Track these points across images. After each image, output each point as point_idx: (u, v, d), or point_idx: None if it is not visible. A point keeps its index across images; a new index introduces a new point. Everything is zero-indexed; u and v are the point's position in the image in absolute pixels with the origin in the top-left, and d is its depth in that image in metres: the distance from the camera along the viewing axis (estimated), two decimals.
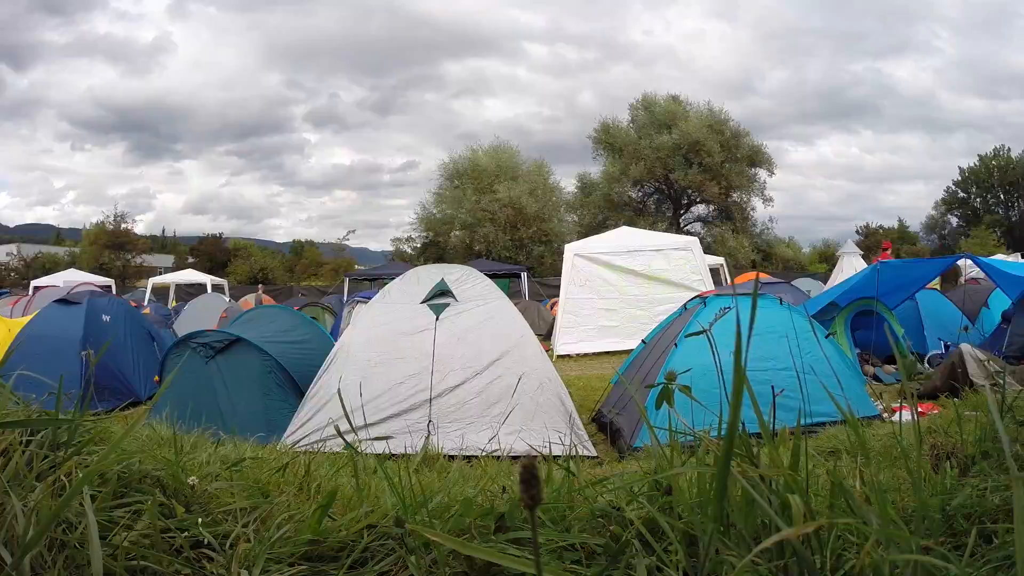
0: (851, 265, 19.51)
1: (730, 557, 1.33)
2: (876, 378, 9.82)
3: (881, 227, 56.54)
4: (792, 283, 18.68)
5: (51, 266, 45.50)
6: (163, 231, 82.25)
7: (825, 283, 20.57)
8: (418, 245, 44.61)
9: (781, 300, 7.28)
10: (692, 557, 1.42)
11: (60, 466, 1.66)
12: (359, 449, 2.20)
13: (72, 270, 34.08)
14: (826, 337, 7.20)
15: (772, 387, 2.35)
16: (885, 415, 6.27)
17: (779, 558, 1.29)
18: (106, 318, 10.45)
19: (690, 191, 42.53)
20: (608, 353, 13.91)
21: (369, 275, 30.12)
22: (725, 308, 6.75)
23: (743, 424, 1.43)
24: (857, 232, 55.75)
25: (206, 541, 1.56)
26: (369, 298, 11.35)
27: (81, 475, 1.56)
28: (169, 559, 1.46)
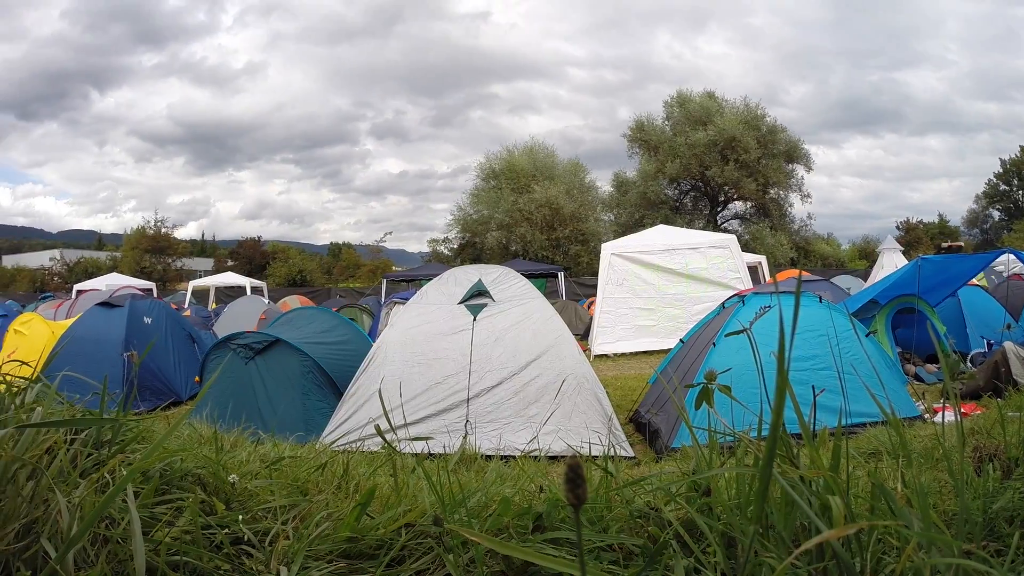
0: (891, 261, 19.20)
1: (769, 559, 1.31)
2: (918, 378, 9.65)
3: (921, 221, 55.45)
4: (831, 280, 18.36)
5: (93, 270, 46.46)
6: (203, 235, 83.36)
7: (865, 280, 20.27)
8: (455, 246, 44.61)
9: (821, 298, 7.18)
10: (730, 559, 1.40)
11: (104, 464, 1.68)
12: (397, 448, 2.21)
13: (114, 274, 34.78)
14: (867, 336, 7.09)
15: (812, 387, 2.32)
16: (927, 416, 6.17)
17: (819, 560, 1.27)
18: (147, 320, 10.61)
19: (727, 188, 41.81)
20: (646, 353, 13.83)
21: (406, 276, 30.24)
22: (765, 307, 6.68)
23: (783, 424, 1.41)
24: (897, 228, 54.73)
25: (246, 538, 1.58)
26: (407, 299, 11.39)
27: (125, 473, 1.58)
28: (209, 555, 1.48)
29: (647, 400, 7.56)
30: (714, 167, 40.04)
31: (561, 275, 27.85)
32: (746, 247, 26.68)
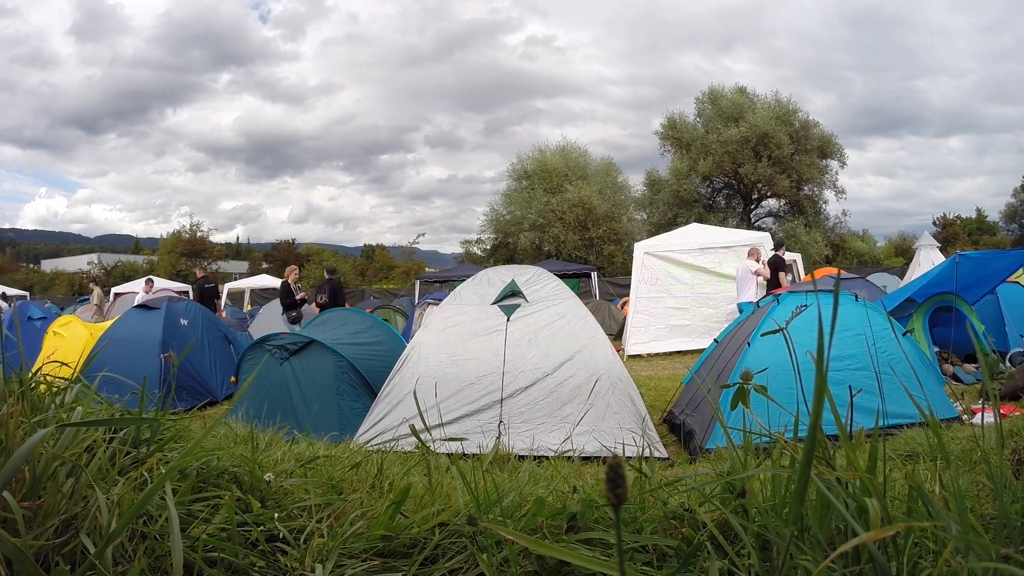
0: (928, 258, 18.84)
1: (804, 562, 1.30)
2: (955, 378, 9.48)
3: (958, 217, 54.43)
4: (867, 278, 18.08)
5: (130, 274, 47.17)
6: (238, 239, 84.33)
7: (902, 278, 19.96)
8: (488, 247, 44.64)
9: (857, 296, 7.09)
10: (765, 561, 1.39)
11: (143, 462, 1.71)
12: (431, 448, 2.21)
13: (151, 277, 35.20)
14: (904, 335, 6.99)
15: (849, 387, 2.29)
16: (965, 417, 6.07)
17: (854, 564, 1.26)
18: (184, 322, 10.75)
19: (760, 185, 41.20)
20: (679, 353, 13.77)
21: (440, 277, 30.30)
22: (802, 306, 6.61)
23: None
24: (933, 223, 53.72)
25: (281, 535, 1.59)
26: (440, 300, 11.42)
27: (163, 471, 1.60)
28: (245, 552, 1.50)
29: (681, 400, 7.52)
30: (747, 164, 39.55)
31: (594, 275, 27.74)
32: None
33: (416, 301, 21.96)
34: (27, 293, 40.98)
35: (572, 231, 39.20)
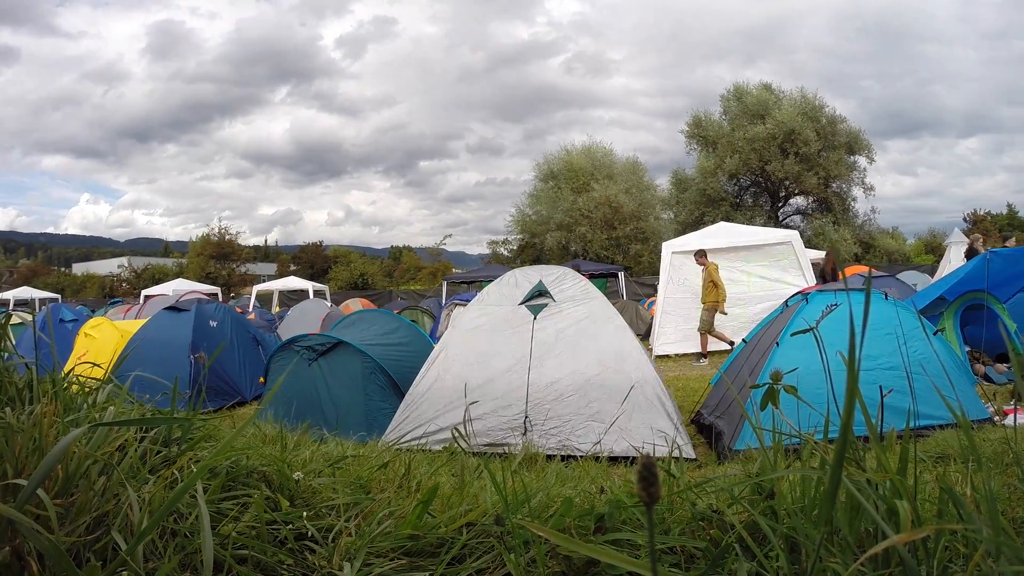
0: (959, 256, 18.54)
1: (833, 564, 1.29)
2: (987, 378, 9.32)
3: (989, 213, 53.48)
4: (897, 276, 17.84)
5: (160, 276, 47.78)
6: (266, 241, 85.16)
7: (932, 276, 19.69)
8: (514, 247, 44.64)
9: (886, 295, 7.00)
10: (794, 564, 1.38)
11: (174, 461, 1.73)
12: (460, 448, 2.22)
13: (180, 280, 35.74)
14: (934, 334, 6.89)
15: (880, 387, 2.26)
16: (996, 418, 5.99)
17: (884, 567, 1.24)
18: (213, 323, 10.85)
19: (787, 183, 40.71)
20: (708, 353, 13.68)
21: (467, 278, 30.39)
22: (832, 305, 6.54)
23: None
24: (964, 219, 52.80)
25: (309, 534, 1.60)
26: (467, 300, 11.44)
27: (194, 470, 1.62)
28: (273, 550, 1.51)
29: (709, 401, 7.47)
30: (774, 161, 39.16)
31: (621, 275, 27.69)
32: (808, 243, 26.12)
33: (443, 302, 22.02)
34: (59, 296, 41.70)
35: (599, 230, 39.09)
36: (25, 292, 37.46)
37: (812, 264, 15.54)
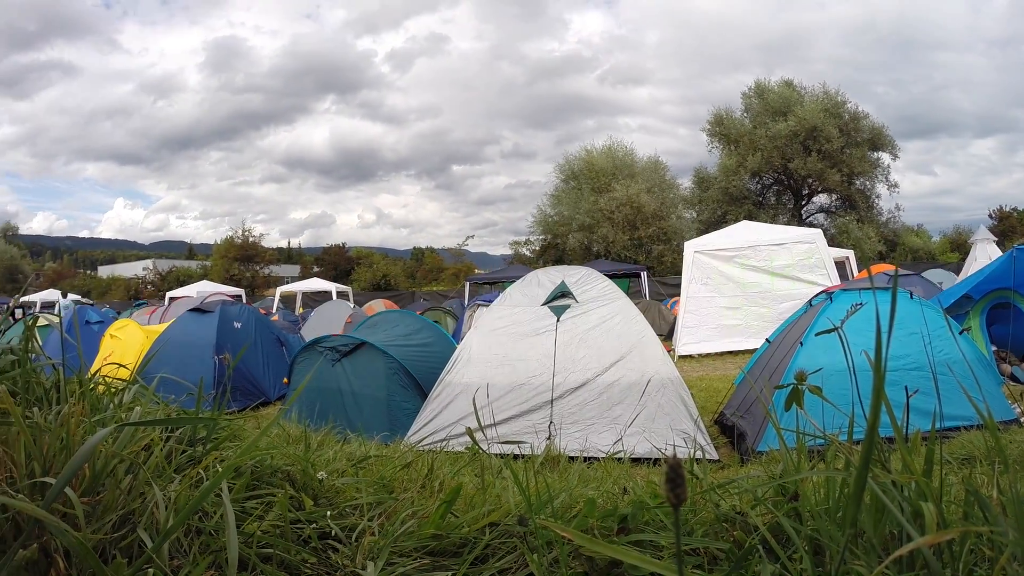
0: (985, 253, 18.32)
1: (858, 567, 1.28)
2: (1014, 378, 9.19)
3: (1015, 209, 52.66)
4: (922, 275, 17.60)
5: (184, 278, 48.20)
6: (288, 243, 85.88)
7: (958, 274, 19.46)
8: (536, 248, 44.58)
9: (912, 294, 6.93)
10: (818, 566, 1.37)
11: (199, 460, 1.74)
12: (483, 449, 2.23)
13: (204, 282, 36.04)
14: (960, 333, 6.81)
15: (905, 388, 2.24)
16: (1023, 419, 5.92)
17: (909, 570, 1.23)
18: (237, 325, 10.95)
19: (810, 180, 40.24)
20: (731, 353, 13.60)
21: (489, 279, 30.40)
22: (857, 304, 6.49)
23: None
24: (989, 216, 52.02)
25: (333, 533, 1.61)
26: (490, 301, 11.45)
27: (220, 469, 1.64)
28: (297, 548, 1.52)
29: (732, 402, 7.43)
30: (796, 159, 38.80)
31: (644, 275, 27.57)
32: (832, 241, 25.93)
33: (466, 303, 22.04)
34: (82, 297, 42.18)
35: (621, 231, 38.92)
36: (52, 295, 37.91)
37: (836, 263, 15.42)
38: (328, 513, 1.68)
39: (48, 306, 31.42)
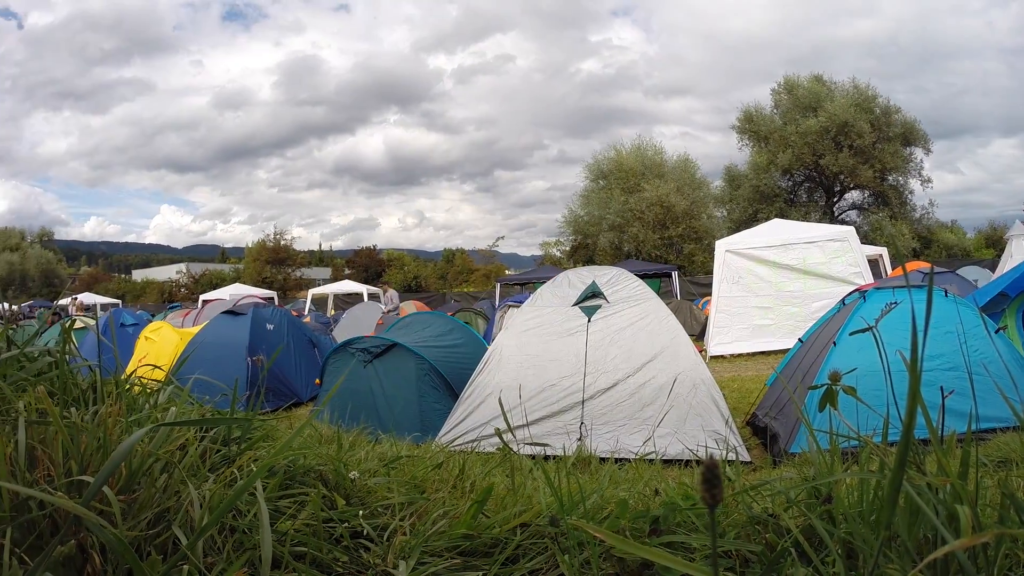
0: (1021, 249, 17.92)
1: (891, 570, 1.26)
2: None
3: None
4: (957, 272, 17.30)
5: (217, 281, 48.77)
6: (320, 246, 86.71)
7: (993, 271, 19.10)
8: (567, 248, 44.47)
9: (947, 292, 6.82)
10: (851, 570, 1.35)
11: (233, 460, 1.76)
12: (514, 450, 2.23)
13: (237, 284, 36.35)
14: (996, 332, 6.69)
15: (941, 388, 2.21)
16: None
17: (943, 573, 1.22)
18: (270, 327, 11.04)
19: (842, 177, 39.49)
20: (763, 353, 13.47)
21: (520, 280, 30.37)
22: (891, 303, 6.40)
23: None
24: None
25: (365, 532, 1.62)
26: (521, 302, 11.45)
27: (253, 468, 1.66)
28: (329, 547, 1.53)
29: (765, 403, 7.36)
30: (827, 155, 38.12)
31: (675, 274, 27.40)
32: (865, 239, 25.53)
33: (497, 304, 22.05)
34: (119, 301, 42.82)
35: (651, 230, 38.68)
36: (87, 298, 38.51)
37: (869, 260, 15.20)
38: (360, 512, 1.69)
39: (83, 309, 31.91)
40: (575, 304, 7.22)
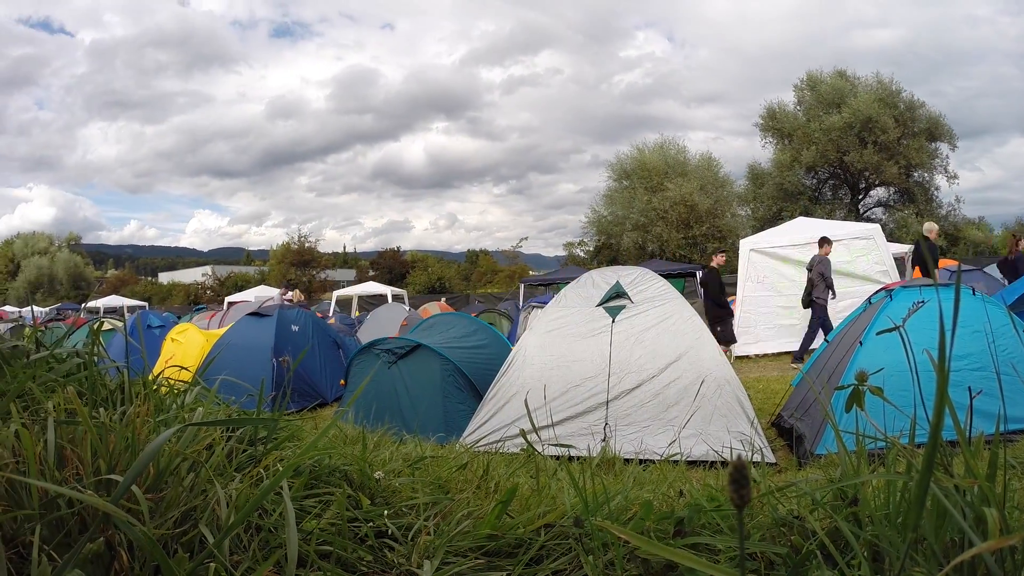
0: None
1: (918, 573, 1.25)
2: None
3: None
4: (984, 270, 17.07)
5: (243, 284, 49.16)
6: (344, 248, 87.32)
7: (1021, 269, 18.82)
8: (591, 248, 44.34)
9: (974, 290, 6.73)
10: (877, 573, 1.34)
11: (259, 460, 1.78)
12: (538, 450, 2.23)
13: (262, 286, 36.63)
14: None
15: (969, 389, 2.18)
16: None
17: None
18: (295, 328, 11.12)
19: (867, 173, 38.84)
20: (788, 353, 13.37)
21: (544, 280, 30.31)
22: (918, 302, 6.33)
23: None
24: None
25: (389, 532, 1.63)
26: (545, 303, 11.45)
27: (280, 468, 1.67)
28: (354, 546, 1.54)
29: (790, 403, 7.31)
30: (852, 152, 37.54)
31: (699, 274, 27.26)
32: (891, 236, 25.24)
33: (521, 304, 22.04)
34: (146, 303, 43.31)
35: (675, 230, 38.49)
36: (115, 300, 38.97)
37: (895, 259, 15.05)
38: (385, 512, 1.70)
39: (111, 312, 32.30)
40: (599, 304, 7.21)
